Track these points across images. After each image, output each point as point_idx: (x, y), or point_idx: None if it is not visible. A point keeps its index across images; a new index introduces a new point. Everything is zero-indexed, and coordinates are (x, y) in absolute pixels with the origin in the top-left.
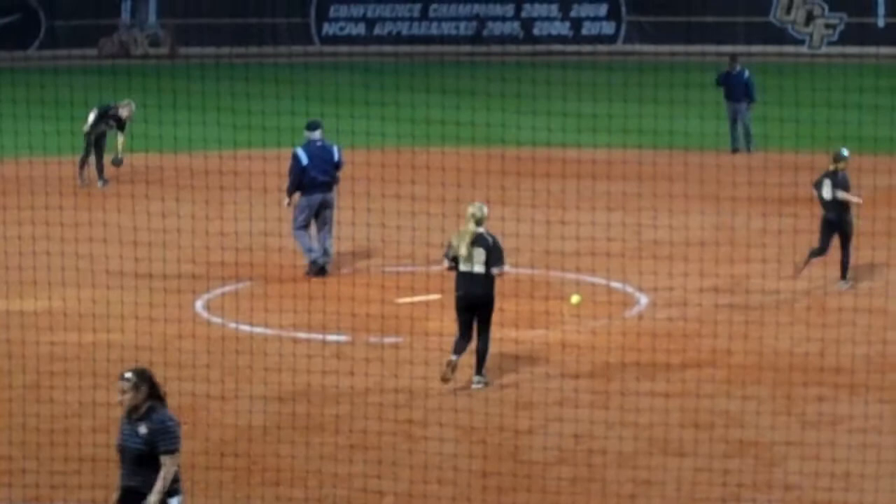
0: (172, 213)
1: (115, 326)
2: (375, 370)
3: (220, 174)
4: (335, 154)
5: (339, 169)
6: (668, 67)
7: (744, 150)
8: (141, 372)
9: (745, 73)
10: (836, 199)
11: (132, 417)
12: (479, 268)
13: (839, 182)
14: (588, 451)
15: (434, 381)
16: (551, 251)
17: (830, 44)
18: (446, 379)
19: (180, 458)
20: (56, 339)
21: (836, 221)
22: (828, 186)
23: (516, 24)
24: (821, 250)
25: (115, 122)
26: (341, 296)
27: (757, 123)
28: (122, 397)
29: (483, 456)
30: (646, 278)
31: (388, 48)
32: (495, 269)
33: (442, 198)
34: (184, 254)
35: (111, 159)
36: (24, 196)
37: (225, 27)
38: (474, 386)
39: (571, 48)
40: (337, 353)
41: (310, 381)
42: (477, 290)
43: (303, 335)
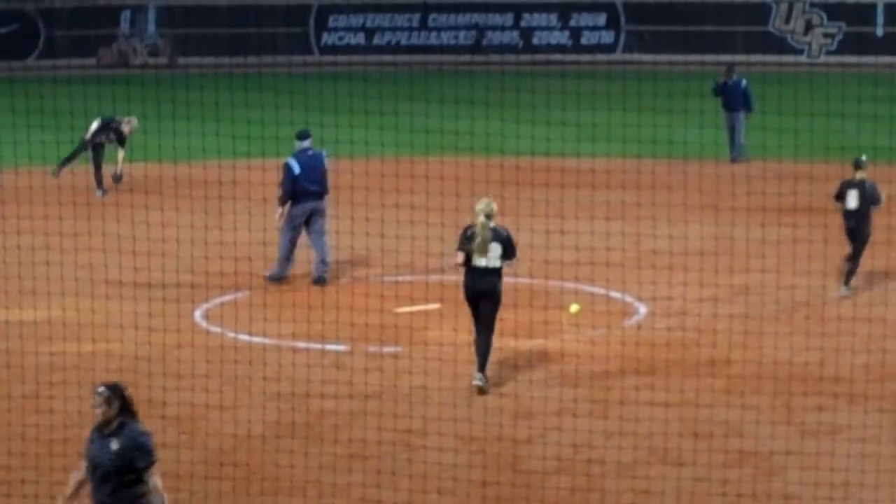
0: (172, 222)
1: (114, 336)
2: (374, 379)
3: (220, 184)
4: (325, 163)
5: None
6: (668, 77)
7: (733, 158)
8: (114, 386)
9: (742, 82)
10: (861, 208)
11: (103, 432)
12: (494, 262)
13: (868, 192)
14: (587, 461)
15: (433, 390)
16: (550, 260)
17: (829, 53)
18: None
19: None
20: (55, 348)
21: (855, 229)
22: (854, 196)
23: (515, 34)
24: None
25: (116, 136)
26: (340, 305)
27: (756, 133)
28: (94, 411)
29: (482, 465)
30: (645, 288)
31: (387, 58)
32: (510, 262)
33: (441, 207)
34: (183, 263)
35: (111, 175)
36: (24, 206)
37: (224, 37)
38: (474, 382)
39: (570, 57)
40: (336, 362)
41: (309, 391)
42: (488, 284)
43: (302, 344)
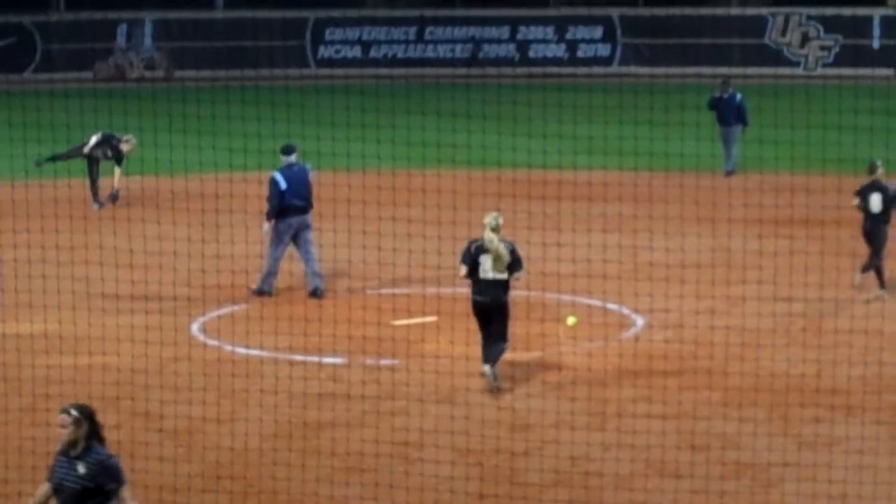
0: (168, 236)
1: (111, 349)
2: (371, 392)
3: (216, 197)
4: (310, 177)
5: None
6: (664, 89)
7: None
8: (83, 408)
9: (738, 96)
10: (884, 211)
11: (70, 454)
12: (501, 274)
13: (891, 194)
14: (585, 474)
15: (430, 403)
16: (547, 273)
17: (826, 66)
18: (497, 388)
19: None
20: (52, 362)
21: (872, 230)
22: (877, 200)
23: (512, 47)
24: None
25: (114, 154)
26: (337, 318)
27: (752, 145)
28: (61, 431)
29: (479, 478)
30: (642, 300)
31: (383, 71)
32: (517, 274)
33: (438, 220)
34: (180, 277)
35: (108, 195)
36: (20, 219)
37: (220, 50)
38: (483, 371)
39: (567, 70)
40: (333, 375)
41: (306, 404)
42: (495, 296)
43: (299, 357)
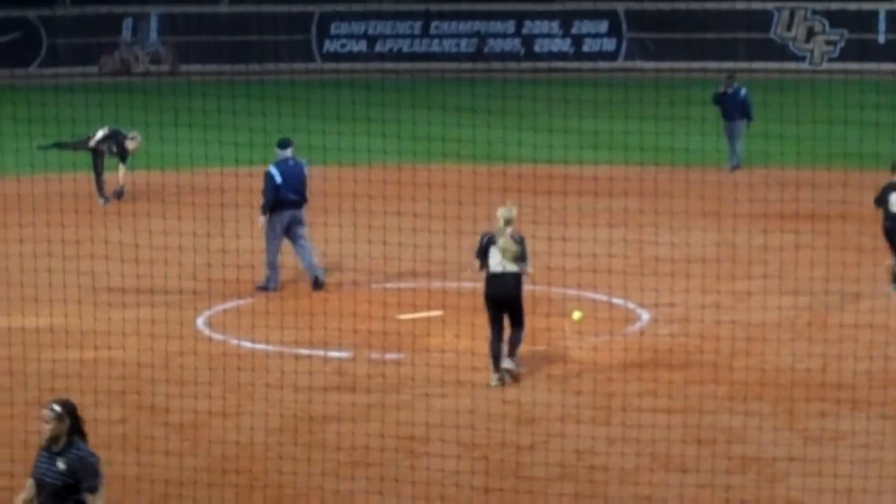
0: (174, 230)
1: (116, 343)
2: (377, 386)
3: (222, 192)
4: (306, 172)
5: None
6: (669, 84)
7: (730, 167)
8: (66, 403)
9: (742, 91)
10: None
11: (52, 450)
12: (510, 267)
13: None
14: (590, 468)
15: (435, 397)
16: (553, 267)
17: (831, 60)
18: (504, 381)
19: (105, 492)
20: (57, 356)
21: (893, 229)
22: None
23: (517, 41)
24: None
25: (119, 150)
26: (342, 312)
27: (758, 140)
28: (43, 427)
29: (485, 472)
30: (647, 294)
31: (389, 65)
32: (522, 266)
33: (443, 215)
34: (185, 271)
35: (113, 192)
36: (26, 213)
37: (226, 44)
38: (504, 366)
39: (572, 65)
40: (338, 369)
41: (311, 398)
42: (506, 289)
43: (304, 351)
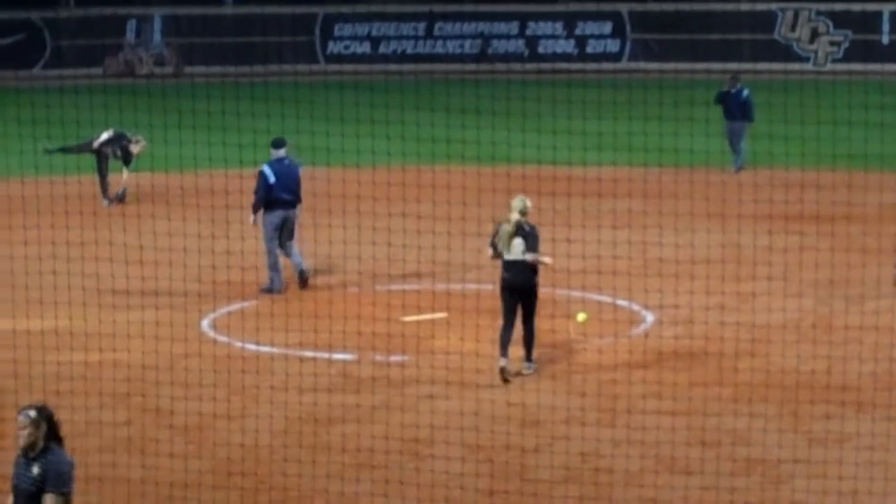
0: (178, 232)
1: (121, 346)
2: (381, 388)
3: (226, 193)
4: (300, 172)
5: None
6: (673, 85)
7: (732, 168)
8: (42, 409)
9: (744, 92)
10: None
11: (28, 456)
12: (517, 255)
13: None
14: (595, 470)
15: (440, 399)
16: (557, 269)
17: (835, 61)
18: (506, 380)
19: (72, 500)
20: (62, 358)
21: None
22: None
23: (521, 42)
24: None
25: (123, 154)
26: (347, 314)
27: (762, 141)
28: (21, 433)
29: (490, 474)
30: (652, 296)
31: (393, 66)
32: (529, 255)
33: (448, 216)
34: (190, 273)
35: (115, 194)
36: (31, 216)
37: (230, 46)
38: (525, 371)
39: (576, 66)
40: (343, 371)
41: (316, 400)
42: (519, 278)
43: (309, 354)
